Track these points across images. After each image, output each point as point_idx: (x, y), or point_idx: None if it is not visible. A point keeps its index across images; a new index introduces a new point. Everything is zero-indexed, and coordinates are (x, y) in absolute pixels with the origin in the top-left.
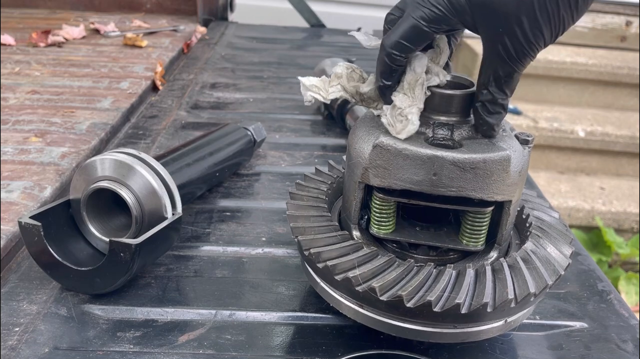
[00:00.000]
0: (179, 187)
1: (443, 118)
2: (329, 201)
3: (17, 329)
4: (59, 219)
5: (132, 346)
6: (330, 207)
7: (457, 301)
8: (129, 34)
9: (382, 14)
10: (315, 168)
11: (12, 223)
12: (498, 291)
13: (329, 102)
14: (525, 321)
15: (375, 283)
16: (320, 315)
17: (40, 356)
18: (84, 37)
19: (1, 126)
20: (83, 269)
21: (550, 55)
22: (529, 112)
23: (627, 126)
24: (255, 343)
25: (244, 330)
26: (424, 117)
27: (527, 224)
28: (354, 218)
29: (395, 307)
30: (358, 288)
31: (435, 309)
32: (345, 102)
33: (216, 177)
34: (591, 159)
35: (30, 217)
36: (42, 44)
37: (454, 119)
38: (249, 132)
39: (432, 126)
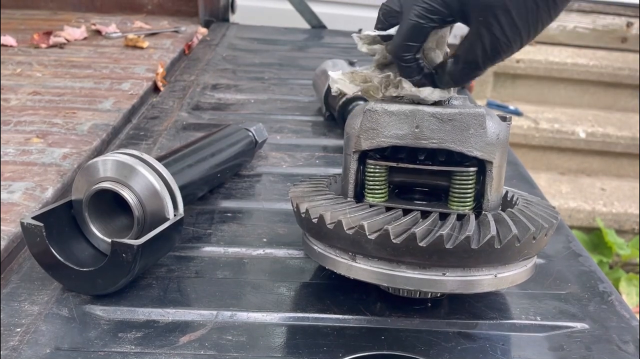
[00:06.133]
0: (181, 188)
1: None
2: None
3: (18, 329)
4: (61, 220)
5: (133, 347)
6: None
7: (441, 232)
8: (130, 35)
9: None
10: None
11: (13, 224)
12: (482, 231)
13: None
14: (525, 321)
15: (364, 223)
16: (322, 316)
17: (42, 356)
18: (85, 39)
19: (3, 127)
20: (85, 269)
21: (551, 56)
22: (530, 113)
23: (628, 127)
24: (257, 344)
25: (245, 331)
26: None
27: (514, 203)
28: (350, 191)
29: (384, 246)
30: (348, 231)
31: (421, 244)
32: (347, 103)
33: (217, 178)
34: (592, 160)
35: (32, 218)
36: (43, 45)
37: None
38: (251, 133)
39: None
